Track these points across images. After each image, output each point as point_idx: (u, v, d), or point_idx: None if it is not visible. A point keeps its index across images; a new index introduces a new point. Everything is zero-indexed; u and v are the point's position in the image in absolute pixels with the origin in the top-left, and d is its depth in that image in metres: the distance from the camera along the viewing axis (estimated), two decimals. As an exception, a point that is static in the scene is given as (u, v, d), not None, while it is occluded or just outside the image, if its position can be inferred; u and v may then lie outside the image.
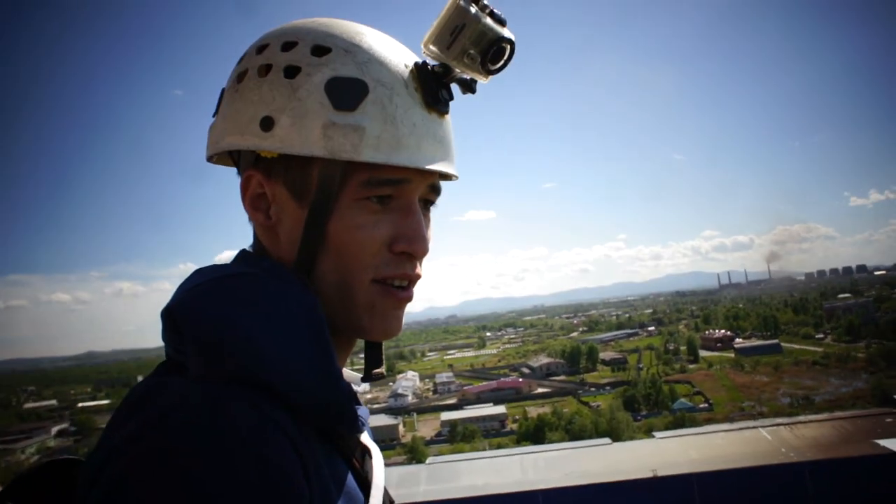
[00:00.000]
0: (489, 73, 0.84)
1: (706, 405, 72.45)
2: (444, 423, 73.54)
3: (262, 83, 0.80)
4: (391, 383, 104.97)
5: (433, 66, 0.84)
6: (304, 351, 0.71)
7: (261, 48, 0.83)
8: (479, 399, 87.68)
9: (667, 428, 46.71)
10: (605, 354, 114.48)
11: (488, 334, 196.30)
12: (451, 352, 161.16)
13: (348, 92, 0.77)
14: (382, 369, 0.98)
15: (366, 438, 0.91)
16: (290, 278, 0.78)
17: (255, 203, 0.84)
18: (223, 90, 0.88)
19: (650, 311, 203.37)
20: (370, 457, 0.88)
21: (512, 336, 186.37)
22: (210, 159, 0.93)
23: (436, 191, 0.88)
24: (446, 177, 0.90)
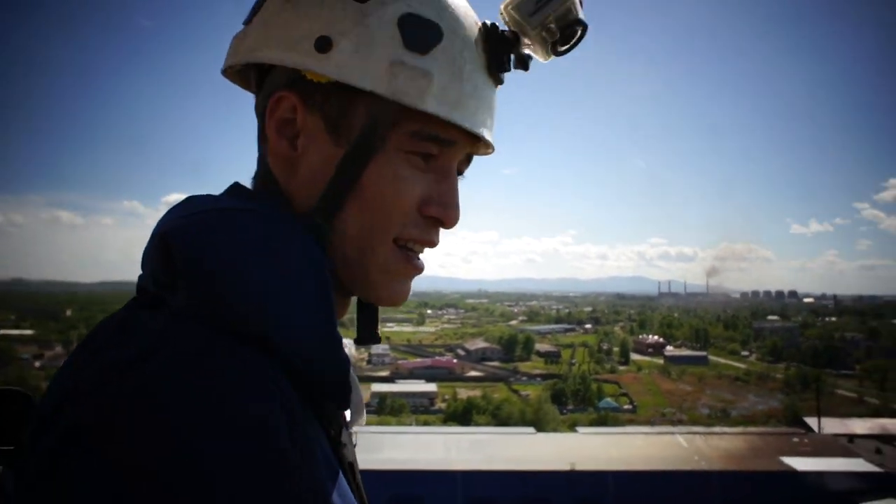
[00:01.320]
0: (557, 53, 0.79)
1: (630, 407, 74.53)
2: (374, 395, 73.79)
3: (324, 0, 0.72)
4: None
5: (503, 30, 0.78)
6: (308, 310, 0.63)
7: None
8: (412, 375, 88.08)
9: (590, 424, 47.97)
10: (541, 346, 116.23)
11: (429, 312, 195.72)
12: (390, 324, 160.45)
13: (424, 33, 0.71)
14: (378, 333, 0.89)
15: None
16: (297, 226, 0.69)
17: (281, 128, 0.75)
18: None
19: (590, 309, 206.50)
20: (346, 428, 0.78)
21: (452, 317, 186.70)
22: (225, 72, 0.83)
23: (468, 161, 0.83)
24: (477, 151, 0.84)
